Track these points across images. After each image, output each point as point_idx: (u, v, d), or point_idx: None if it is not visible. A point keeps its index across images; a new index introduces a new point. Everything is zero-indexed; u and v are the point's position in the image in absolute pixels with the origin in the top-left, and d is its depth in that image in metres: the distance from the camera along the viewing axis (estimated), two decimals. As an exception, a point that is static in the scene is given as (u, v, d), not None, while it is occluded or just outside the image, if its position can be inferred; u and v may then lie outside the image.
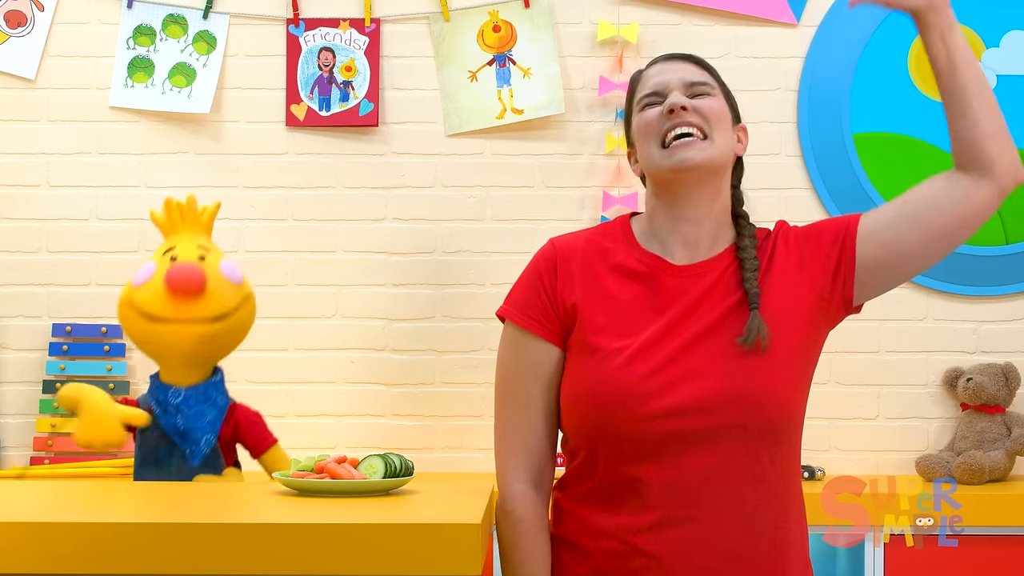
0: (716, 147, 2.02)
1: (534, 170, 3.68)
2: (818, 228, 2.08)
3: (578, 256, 2.07)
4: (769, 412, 1.97)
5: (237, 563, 1.87)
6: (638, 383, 1.96)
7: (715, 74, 2.09)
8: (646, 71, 2.10)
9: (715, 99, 2.04)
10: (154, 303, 2.87)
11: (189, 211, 3.00)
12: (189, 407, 2.91)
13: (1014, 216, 3.66)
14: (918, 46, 3.67)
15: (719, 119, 2.03)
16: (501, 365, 2.09)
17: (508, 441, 2.07)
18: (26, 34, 3.68)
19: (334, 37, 3.68)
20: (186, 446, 2.89)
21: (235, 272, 2.98)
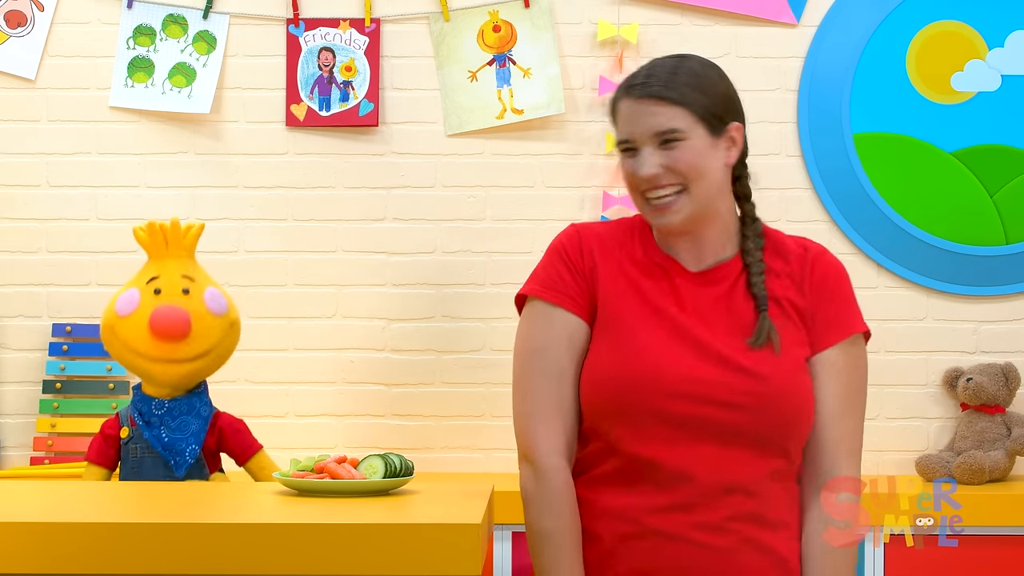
0: (694, 200, 2.03)
1: (534, 170, 3.68)
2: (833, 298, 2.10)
3: (601, 242, 2.10)
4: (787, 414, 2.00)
5: (237, 563, 1.87)
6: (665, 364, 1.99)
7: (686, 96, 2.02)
8: (621, 104, 2.07)
9: (687, 145, 2.01)
10: (138, 340, 2.93)
11: (173, 235, 3.01)
12: (173, 419, 2.94)
13: (1014, 216, 3.66)
14: (918, 46, 3.67)
15: (694, 168, 2.01)
16: (528, 339, 2.09)
17: (544, 414, 2.05)
18: (26, 34, 3.68)
19: (334, 37, 3.68)
20: (171, 458, 2.91)
21: (220, 302, 3.00)
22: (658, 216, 2.03)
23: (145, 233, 3.01)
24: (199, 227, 3.04)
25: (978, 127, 3.65)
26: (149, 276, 2.97)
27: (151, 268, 3.00)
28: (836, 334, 2.07)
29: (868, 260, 3.67)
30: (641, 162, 2.02)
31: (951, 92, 3.66)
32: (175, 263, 2.99)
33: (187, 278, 2.97)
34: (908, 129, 3.67)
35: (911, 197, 3.66)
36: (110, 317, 2.97)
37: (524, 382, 2.08)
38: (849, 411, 2.05)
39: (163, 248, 3.00)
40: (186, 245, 3.02)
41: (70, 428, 3.60)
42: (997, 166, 3.66)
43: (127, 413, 2.99)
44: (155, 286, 2.95)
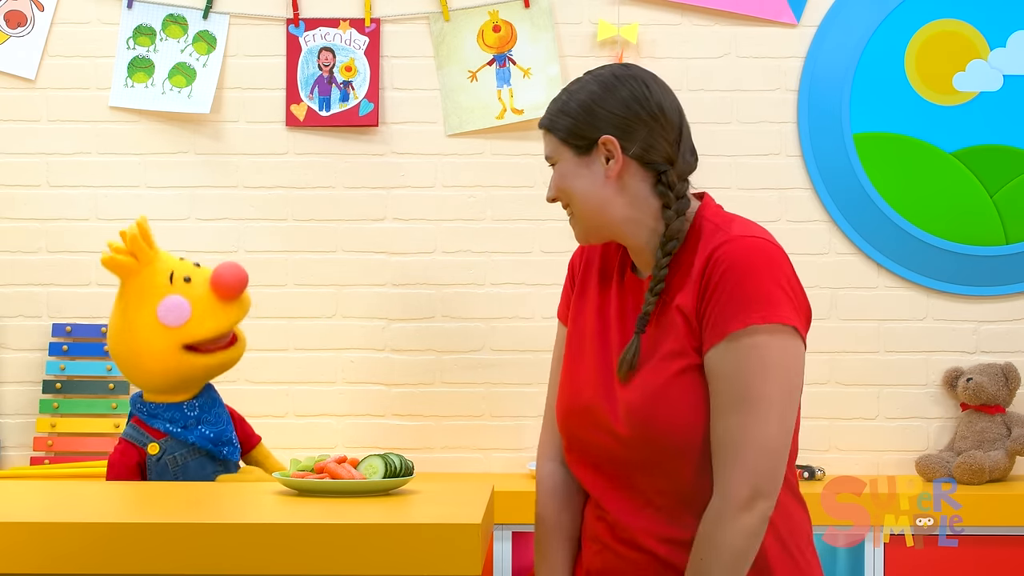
0: (581, 218, 2.06)
1: (534, 170, 3.68)
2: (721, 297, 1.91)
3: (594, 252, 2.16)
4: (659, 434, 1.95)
5: (237, 563, 1.87)
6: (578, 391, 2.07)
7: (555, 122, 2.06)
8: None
9: (558, 168, 2.07)
10: (214, 324, 2.91)
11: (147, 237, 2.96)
12: (208, 413, 2.94)
13: (1014, 216, 3.66)
14: (918, 46, 3.67)
15: (564, 190, 2.05)
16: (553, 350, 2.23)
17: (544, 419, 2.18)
18: (26, 34, 3.68)
19: (334, 37, 3.68)
20: (222, 449, 2.92)
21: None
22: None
23: (123, 254, 2.91)
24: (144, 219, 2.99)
25: (978, 127, 3.65)
26: (165, 277, 2.92)
27: (154, 273, 2.93)
28: (715, 334, 1.91)
29: (868, 260, 3.67)
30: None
31: (953, 92, 3.66)
32: (162, 256, 2.98)
33: (182, 260, 3.00)
34: (908, 129, 3.67)
35: (911, 197, 3.66)
36: (162, 340, 2.88)
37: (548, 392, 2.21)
38: (729, 410, 1.88)
39: (149, 252, 2.94)
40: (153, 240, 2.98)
41: (70, 428, 3.60)
42: (997, 166, 3.66)
43: (139, 433, 2.91)
44: (180, 277, 2.92)
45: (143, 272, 2.92)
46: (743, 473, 1.86)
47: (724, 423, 1.88)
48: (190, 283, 2.91)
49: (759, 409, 1.86)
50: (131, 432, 2.93)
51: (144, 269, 2.92)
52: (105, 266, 2.92)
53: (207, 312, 2.90)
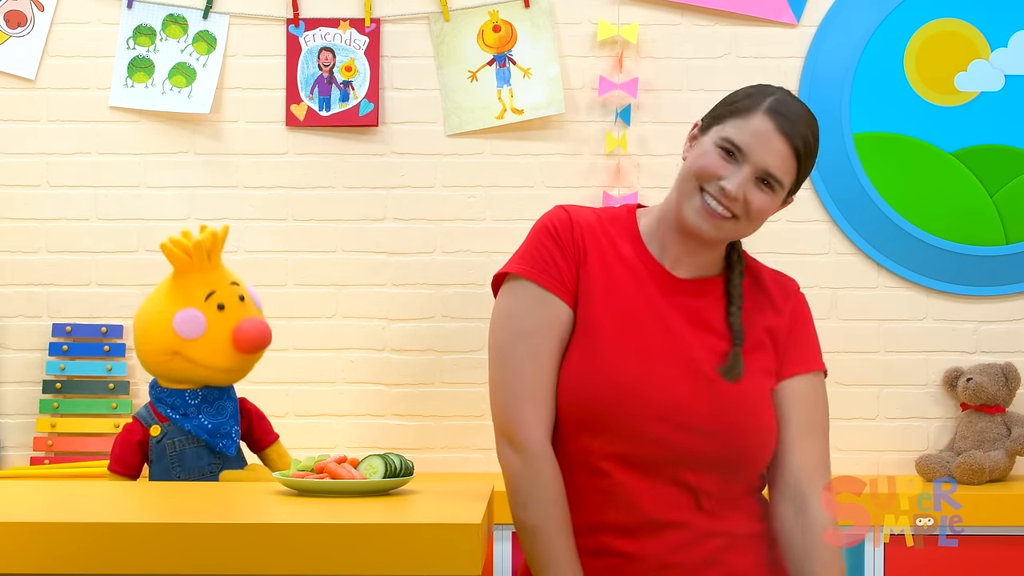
0: (735, 232, 2.04)
1: (534, 170, 3.68)
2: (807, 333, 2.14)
3: (592, 232, 2.09)
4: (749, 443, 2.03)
5: (237, 563, 1.87)
6: (642, 382, 1.99)
7: (806, 159, 2.03)
8: (759, 116, 2.02)
9: (772, 197, 2.02)
10: (216, 359, 2.93)
11: (216, 247, 2.97)
12: (210, 404, 2.97)
13: (1014, 216, 3.66)
14: (918, 45, 3.67)
15: (759, 216, 2.03)
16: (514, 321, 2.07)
17: (530, 397, 2.03)
18: (26, 34, 3.68)
19: (334, 37, 3.68)
20: (218, 442, 2.94)
21: (257, 296, 3.10)
22: (700, 219, 2.02)
23: (180, 250, 2.94)
24: (225, 230, 3.02)
25: (978, 127, 3.65)
26: (205, 292, 2.94)
27: (201, 283, 2.95)
28: (803, 366, 2.10)
29: (868, 260, 3.67)
30: (735, 178, 2.00)
31: (954, 92, 3.66)
32: (218, 274, 2.98)
33: (235, 285, 3.00)
34: (908, 129, 3.67)
35: (911, 197, 3.66)
36: (172, 342, 2.92)
37: (510, 363, 2.06)
38: (815, 433, 2.09)
39: (206, 261, 2.95)
40: (217, 253, 3.00)
41: (70, 428, 3.60)
42: (997, 166, 3.66)
43: (148, 413, 2.98)
44: (216, 301, 2.94)
45: (189, 276, 2.95)
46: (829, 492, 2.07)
47: (811, 445, 2.07)
48: (221, 312, 2.94)
49: (827, 439, 2.11)
50: (142, 412, 3.00)
51: (195, 272, 2.96)
52: (162, 250, 2.97)
53: (216, 345, 2.93)
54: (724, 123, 2.04)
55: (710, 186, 2.01)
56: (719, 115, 2.06)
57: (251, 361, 3.00)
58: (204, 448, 2.93)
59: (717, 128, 2.04)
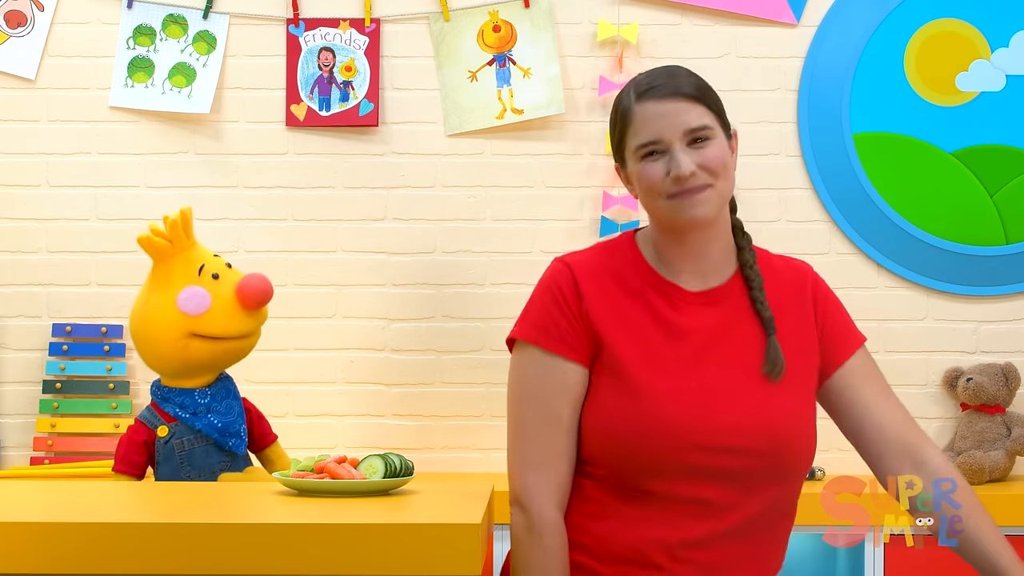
0: (721, 196, 2.01)
1: (534, 170, 3.68)
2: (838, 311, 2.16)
3: (594, 277, 2.05)
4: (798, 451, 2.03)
5: (237, 563, 1.87)
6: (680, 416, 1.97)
7: (706, 95, 2.03)
8: (637, 108, 2.01)
9: (715, 144, 2.00)
10: (229, 325, 2.97)
11: (187, 226, 3.02)
12: (219, 403, 2.99)
13: (1014, 216, 3.66)
14: (918, 45, 3.67)
15: (723, 166, 2.00)
16: (522, 386, 2.04)
17: (536, 464, 2.01)
18: (26, 34, 3.68)
19: (334, 37, 3.68)
20: (227, 440, 2.95)
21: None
22: (687, 209, 1.99)
23: (160, 237, 2.97)
24: (188, 209, 3.05)
25: (978, 127, 3.65)
26: (195, 268, 2.99)
27: (187, 261, 3.00)
28: (850, 347, 2.12)
29: (868, 260, 3.67)
30: (677, 160, 1.97)
31: (955, 92, 3.66)
32: (199, 249, 3.05)
33: (217, 256, 3.06)
34: (908, 129, 3.67)
35: (911, 197, 3.66)
36: (183, 324, 2.94)
37: (519, 427, 2.04)
38: (890, 395, 2.13)
39: (185, 240, 3.00)
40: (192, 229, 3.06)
41: (70, 428, 3.60)
42: (997, 166, 3.66)
43: (152, 414, 2.99)
44: (209, 272, 2.99)
45: (176, 258, 2.99)
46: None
47: (893, 402, 2.12)
48: (217, 280, 2.98)
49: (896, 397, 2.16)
50: (145, 414, 3.01)
51: (178, 256, 3.00)
52: (140, 245, 2.99)
53: (225, 312, 2.97)
54: (626, 141, 2.04)
55: (667, 187, 1.99)
56: (618, 141, 2.07)
57: (260, 320, 3.05)
58: (213, 447, 2.94)
59: (627, 151, 2.04)
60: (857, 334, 2.15)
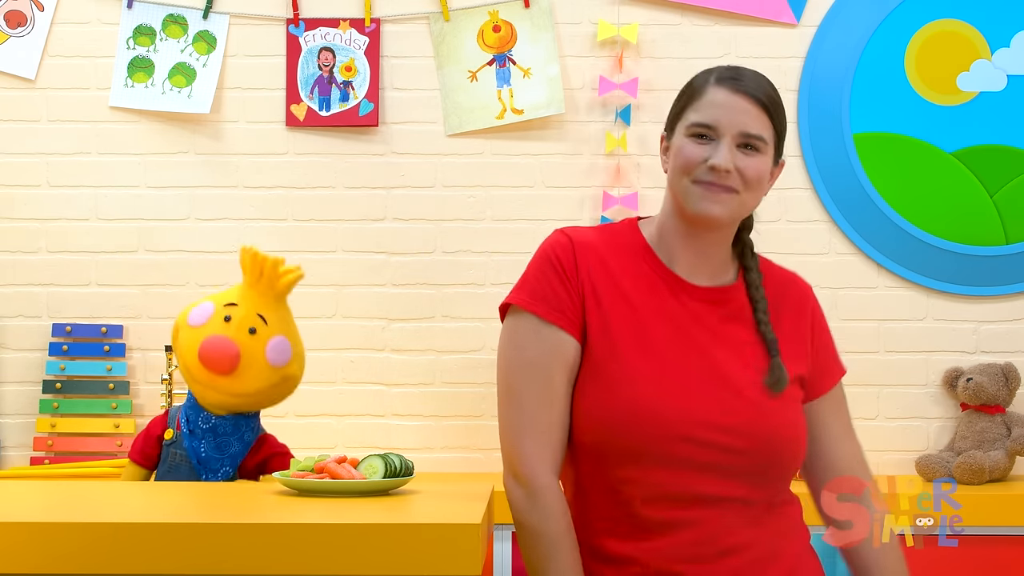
0: (742, 206, 2.02)
1: (534, 170, 3.68)
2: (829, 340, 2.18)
3: (595, 253, 2.04)
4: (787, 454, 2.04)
5: (237, 563, 1.87)
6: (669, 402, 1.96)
7: (776, 113, 2.03)
8: (711, 89, 2.02)
9: (762, 159, 2.01)
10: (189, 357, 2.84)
11: (270, 272, 2.88)
12: (215, 436, 2.88)
13: (1014, 216, 3.66)
14: (918, 46, 3.67)
15: (758, 181, 2.01)
16: (516, 353, 2.02)
17: (530, 431, 1.99)
18: (26, 34, 3.68)
19: (334, 37, 3.68)
20: (202, 473, 2.87)
21: (282, 354, 2.88)
22: (704, 201, 1.98)
23: (248, 257, 2.89)
24: (298, 273, 2.90)
25: (978, 127, 3.65)
26: (230, 300, 2.87)
27: (236, 293, 2.90)
28: (833, 377, 2.17)
29: (868, 260, 3.67)
30: (719, 153, 1.97)
31: (956, 92, 3.66)
32: (258, 299, 2.87)
33: (261, 318, 2.86)
34: (908, 129, 3.67)
35: (911, 197, 3.66)
36: (182, 321, 2.89)
37: (513, 397, 2.01)
38: (852, 433, 2.18)
39: (256, 279, 2.88)
40: (277, 287, 2.89)
41: (70, 428, 3.60)
42: (997, 166, 3.66)
43: (176, 415, 2.93)
44: (228, 312, 2.85)
45: (240, 286, 2.91)
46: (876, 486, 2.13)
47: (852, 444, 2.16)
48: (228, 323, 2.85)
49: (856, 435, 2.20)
50: (173, 409, 2.96)
51: (243, 286, 2.91)
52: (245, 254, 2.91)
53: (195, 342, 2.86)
54: (685, 115, 2.03)
55: (699, 172, 1.99)
56: (677, 112, 2.06)
57: (212, 381, 2.84)
58: (193, 472, 2.87)
59: (680, 123, 2.03)
60: (840, 365, 2.19)
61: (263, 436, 2.97)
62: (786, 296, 2.12)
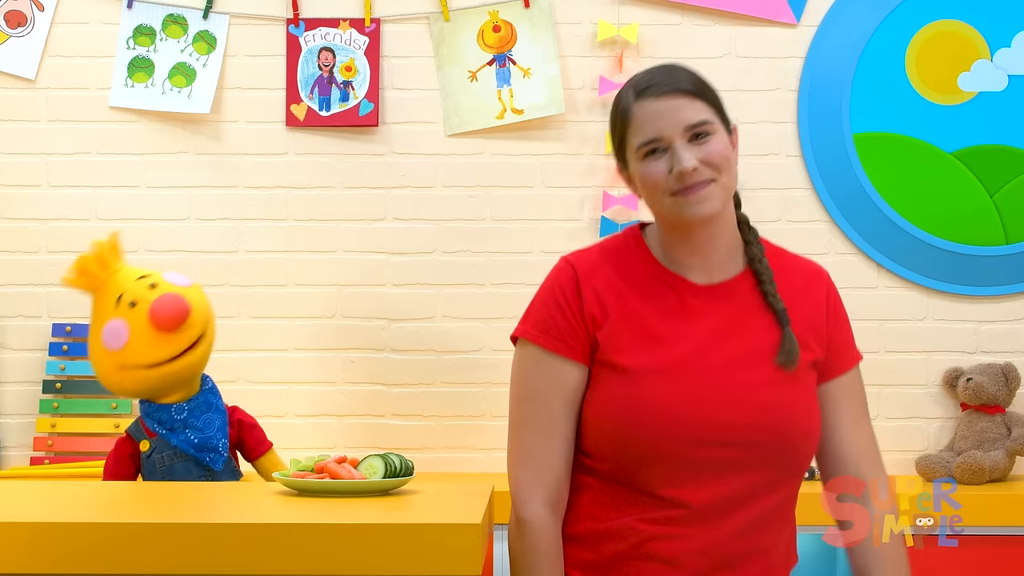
0: (724, 189, 2.01)
1: (534, 170, 3.68)
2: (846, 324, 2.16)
3: (599, 274, 2.05)
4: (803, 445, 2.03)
5: (237, 563, 1.87)
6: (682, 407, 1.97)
7: (704, 90, 2.03)
8: (636, 107, 2.02)
9: (716, 138, 2.00)
10: (149, 353, 2.84)
11: (102, 256, 2.92)
12: (196, 418, 2.91)
13: (1014, 216, 3.66)
14: (918, 46, 3.67)
15: (725, 160, 2.00)
16: (520, 384, 2.07)
17: (526, 461, 2.03)
18: (26, 34, 3.68)
19: (334, 37, 3.68)
20: (205, 456, 2.89)
21: (182, 277, 2.97)
22: (691, 206, 1.99)
23: (76, 273, 2.91)
24: (114, 235, 2.97)
25: (978, 127, 3.65)
26: (114, 298, 2.88)
27: (108, 292, 2.90)
28: (848, 362, 2.13)
29: (868, 260, 3.67)
30: (679, 157, 1.97)
31: (957, 92, 3.66)
32: (121, 275, 2.92)
33: (144, 277, 2.91)
34: (908, 129, 3.67)
35: (911, 197, 3.66)
36: (109, 360, 2.87)
37: (515, 427, 2.06)
38: (864, 422, 2.13)
39: (104, 269, 2.91)
40: (115, 258, 2.94)
41: (70, 428, 3.60)
42: (997, 166, 3.66)
43: (138, 428, 2.94)
44: (128, 300, 2.86)
45: (100, 290, 2.91)
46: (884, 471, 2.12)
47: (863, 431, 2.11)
48: (134, 308, 2.85)
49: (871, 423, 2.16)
50: (133, 427, 2.96)
51: (100, 288, 2.91)
52: (65, 285, 2.94)
53: (144, 341, 2.85)
54: (626, 141, 2.04)
55: (671, 185, 1.99)
56: (618, 141, 2.07)
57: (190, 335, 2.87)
58: (192, 462, 2.89)
59: (629, 151, 2.04)
60: (856, 352, 2.16)
61: (232, 407, 3.03)
62: (799, 281, 2.11)
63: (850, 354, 2.14)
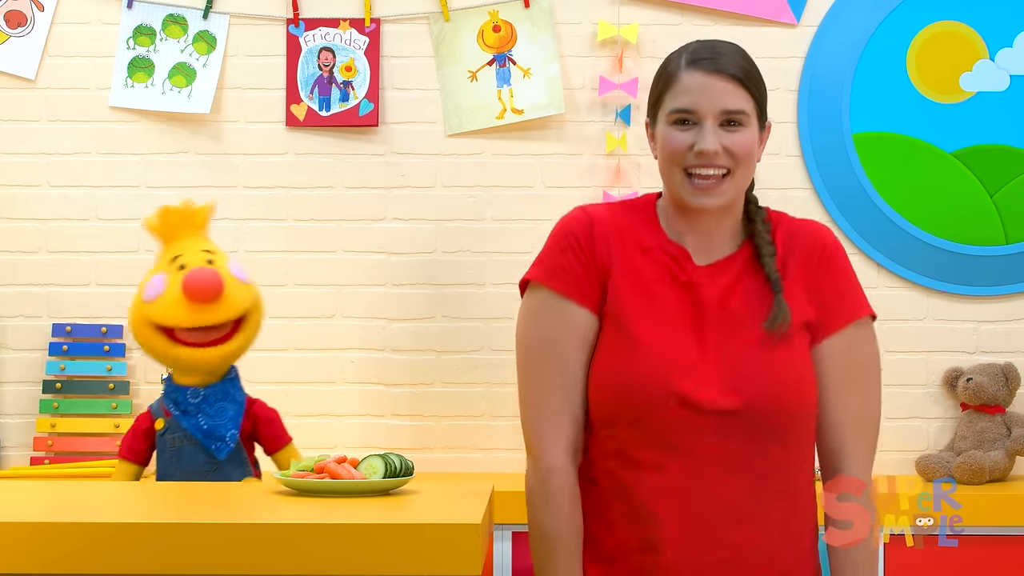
0: (736, 186, 2.02)
1: (534, 170, 3.68)
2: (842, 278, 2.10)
3: (611, 227, 2.06)
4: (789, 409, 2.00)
5: (237, 563, 1.87)
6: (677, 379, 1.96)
7: (752, 82, 2.02)
8: (684, 73, 2.02)
9: (747, 132, 2.00)
10: (172, 315, 2.89)
11: (188, 215, 3.03)
12: (210, 405, 2.94)
13: (1014, 216, 3.66)
14: (918, 46, 3.67)
15: (747, 156, 2.01)
16: (533, 329, 2.05)
17: (547, 409, 2.02)
18: (26, 34, 3.68)
19: (334, 37, 3.68)
20: (211, 443, 2.92)
21: (243, 273, 3.02)
22: (699, 195, 2.00)
23: (158, 220, 3.01)
24: (209, 206, 3.06)
25: (978, 127, 3.65)
26: (171, 257, 2.96)
27: (169, 251, 2.99)
28: (838, 321, 2.06)
29: (868, 260, 3.67)
30: (704, 136, 1.98)
31: (959, 92, 3.65)
32: (192, 241, 3.00)
33: (207, 252, 2.99)
34: (908, 129, 3.67)
35: (911, 197, 3.66)
36: (138, 307, 2.94)
37: (530, 373, 2.04)
38: (851, 390, 2.05)
39: (179, 229, 3.00)
40: (198, 224, 3.04)
41: (70, 428, 3.60)
42: (997, 166, 3.66)
43: (159, 405, 2.99)
44: (179, 263, 2.94)
45: (168, 245, 3.01)
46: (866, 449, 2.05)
47: (847, 399, 2.03)
48: (181, 271, 2.93)
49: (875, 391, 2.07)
50: (154, 404, 3.01)
51: (170, 243, 3.01)
52: (143, 227, 3.05)
53: (169, 300, 2.90)
54: (663, 101, 2.03)
55: (688, 159, 2.00)
56: (655, 99, 2.06)
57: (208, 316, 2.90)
58: (199, 447, 2.92)
59: (660, 111, 2.04)
60: (855, 308, 2.07)
61: (251, 399, 3.03)
62: (797, 241, 2.09)
63: (843, 312, 2.06)
